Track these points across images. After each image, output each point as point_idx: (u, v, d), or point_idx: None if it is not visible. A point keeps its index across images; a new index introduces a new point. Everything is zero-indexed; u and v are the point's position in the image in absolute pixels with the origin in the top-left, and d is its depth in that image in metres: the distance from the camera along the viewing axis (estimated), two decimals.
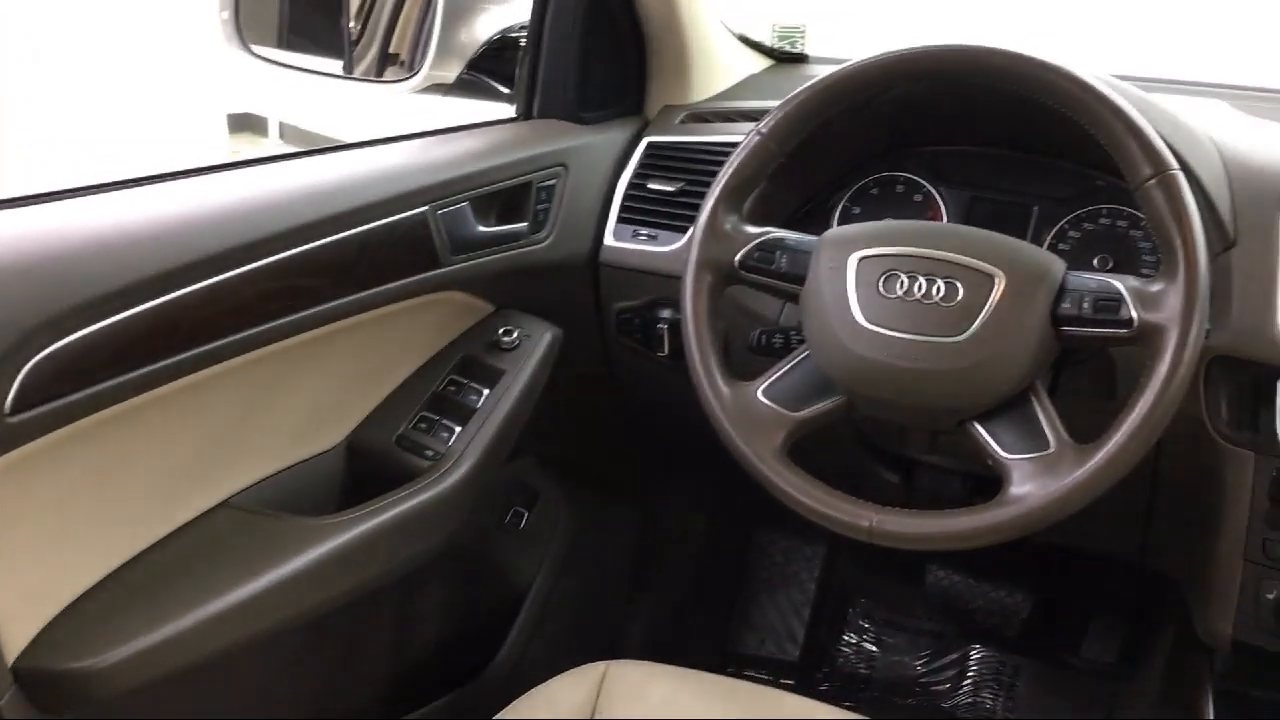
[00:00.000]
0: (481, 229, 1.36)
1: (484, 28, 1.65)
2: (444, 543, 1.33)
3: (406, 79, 1.52)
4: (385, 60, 1.74)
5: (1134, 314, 1.01)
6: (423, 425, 1.35)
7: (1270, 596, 1.15)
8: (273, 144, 6.56)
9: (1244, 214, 1.15)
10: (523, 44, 1.56)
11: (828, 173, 1.44)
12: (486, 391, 1.37)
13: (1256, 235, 1.14)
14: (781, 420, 1.13)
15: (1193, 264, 0.99)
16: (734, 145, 1.19)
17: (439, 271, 1.32)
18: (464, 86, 1.59)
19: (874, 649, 2.03)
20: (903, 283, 1.08)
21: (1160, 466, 1.15)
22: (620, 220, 1.49)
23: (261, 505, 1.24)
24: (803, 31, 1.78)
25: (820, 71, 1.16)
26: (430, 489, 1.28)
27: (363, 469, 1.34)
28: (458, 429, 1.34)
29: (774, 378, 1.15)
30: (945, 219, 1.38)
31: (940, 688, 1.96)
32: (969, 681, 1.94)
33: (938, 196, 1.39)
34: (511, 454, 1.41)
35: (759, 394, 1.15)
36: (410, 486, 1.28)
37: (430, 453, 1.33)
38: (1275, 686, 1.20)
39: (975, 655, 1.96)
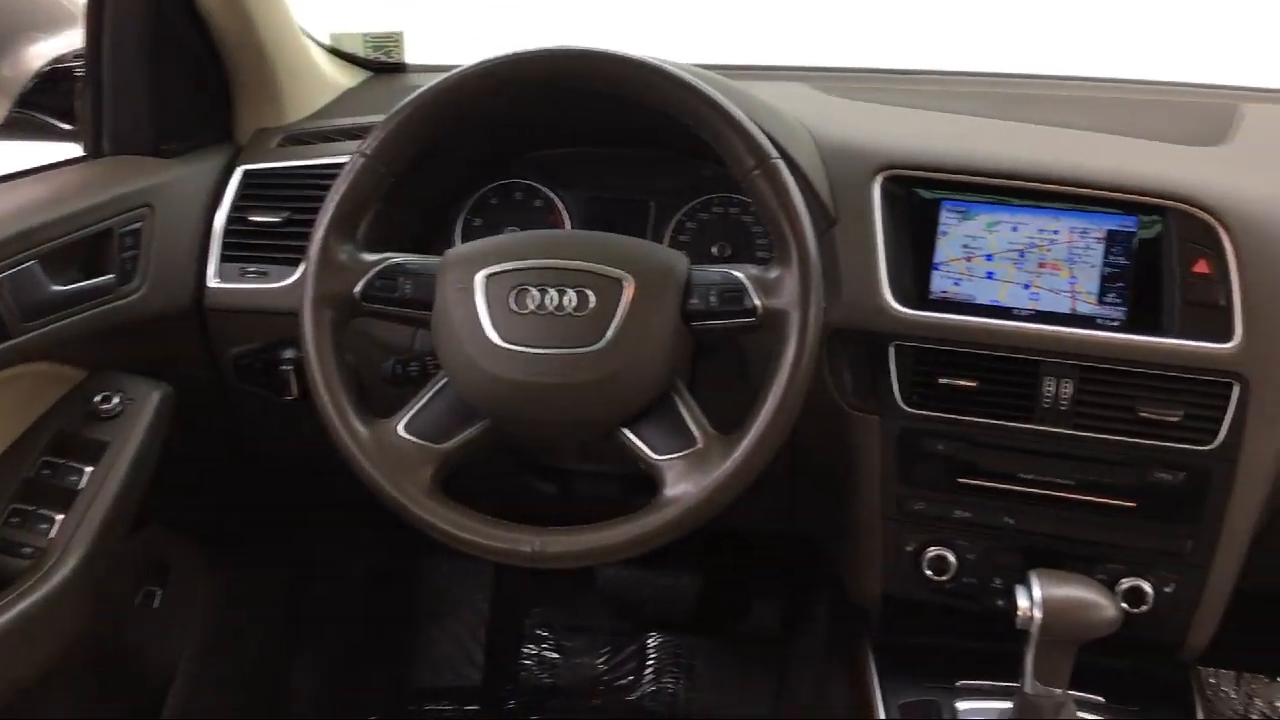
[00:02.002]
0: (57, 288, 1.19)
1: (33, 59, 1.45)
2: (62, 647, 1.17)
3: None
4: None
5: (757, 302, 1.03)
6: (15, 520, 1.17)
7: (910, 549, 1.23)
8: None
9: (841, 192, 1.21)
10: (81, 74, 1.39)
11: (444, 186, 1.38)
12: (89, 469, 1.21)
13: (854, 211, 1.21)
14: (427, 455, 1.07)
15: (804, 250, 1.02)
16: (338, 167, 1.11)
17: (10, 344, 1.14)
18: (16, 126, 1.39)
19: (555, 656, 2.01)
20: (534, 297, 1.05)
21: (797, 442, 1.19)
22: (224, 259, 1.36)
23: None
24: (398, 40, 1.70)
25: (421, 81, 1.10)
26: (34, 591, 1.12)
27: None
28: (59, 517, 1.17)
29: (414, 411, 1.09)
30: (568, 223, 1.37)
31: (623, 682, 1.97)
32: (650, 671, 1.97)
33: (557, 200, 1.37)
34: (132, 530, 1.25)
35: (400, 430, 1.08)
36: (8, 593, 1.10)
37: (29, 549, 1.15)
38: (927, 632, 1.29)
39: (653, 644, 1.99)
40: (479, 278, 1.06)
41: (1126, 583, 1.17)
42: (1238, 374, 1.11)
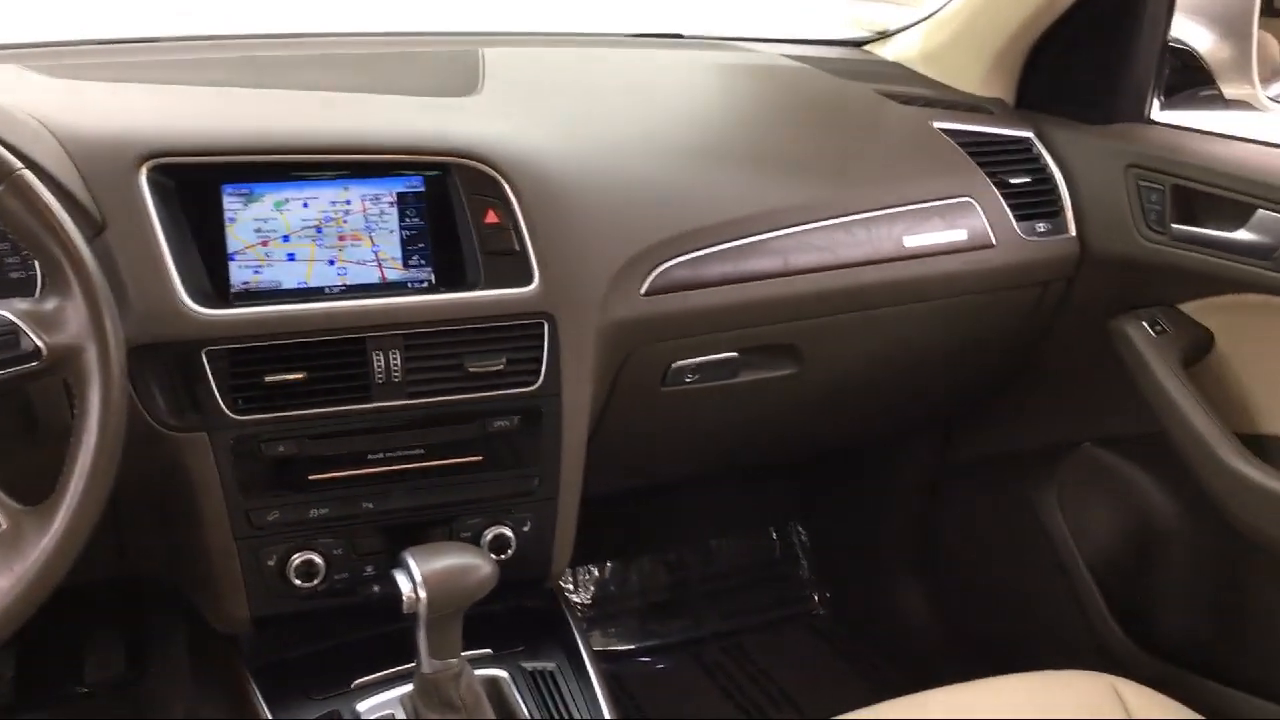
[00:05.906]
0: None
1: None
2: None
3: None
4: None
5: (39, 343, 0.88)
6: None
7: (272, 564, 1.13)
8: None
9: (103, 192, 1.05)
10: None
11: None
12: None
13: (125, 209, 1.05)
14: None
15: (82, 271, 0.88)
16: None
17: None
18: None
19: None
20: None
21: (119, 483, 1.03)
22: None
23: None
24: None
25: None
26: None
27: None
28: None
29: None
30: None
31: None
32: None
33: None
34: None
35: None
36: None
37: None
38: (311, 639, 1.21)
39: None
40: None
41: (490, 533, 1.20)
42: (544, 313, 1.17)
